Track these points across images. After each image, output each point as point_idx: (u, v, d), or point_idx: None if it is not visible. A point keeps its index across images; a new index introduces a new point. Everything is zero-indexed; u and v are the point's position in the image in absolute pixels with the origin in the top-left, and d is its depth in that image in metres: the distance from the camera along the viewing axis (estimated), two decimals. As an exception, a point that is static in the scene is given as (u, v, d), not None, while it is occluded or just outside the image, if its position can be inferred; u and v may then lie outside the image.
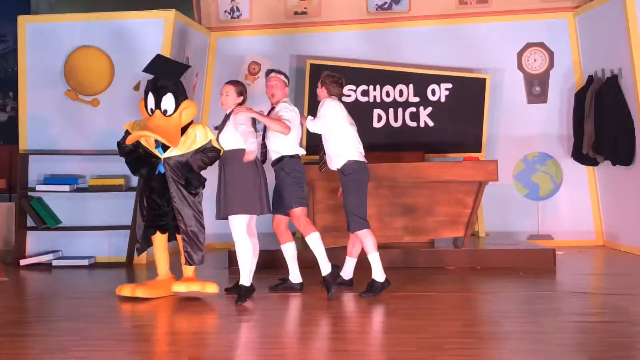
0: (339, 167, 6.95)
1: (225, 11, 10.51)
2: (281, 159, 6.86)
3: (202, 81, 10.38)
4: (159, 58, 7.10)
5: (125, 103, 9.00)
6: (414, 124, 10.00)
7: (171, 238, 6.93)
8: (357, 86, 10.07)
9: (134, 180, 8.77)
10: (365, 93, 10.10)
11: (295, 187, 6.90)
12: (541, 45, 10.20)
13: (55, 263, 8.86)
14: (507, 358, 4.89)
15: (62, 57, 9.24)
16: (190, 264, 6.77)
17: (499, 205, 10.01)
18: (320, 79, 7.24)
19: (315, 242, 6.82)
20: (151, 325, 6.12)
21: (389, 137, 9.88)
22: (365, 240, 6.86)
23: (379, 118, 10.00)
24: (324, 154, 7.18)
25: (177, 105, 6.65)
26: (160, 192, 6.67)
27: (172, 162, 6.63)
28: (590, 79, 9.55)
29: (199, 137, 6.70)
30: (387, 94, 10.02)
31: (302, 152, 7.06)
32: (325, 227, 8.13)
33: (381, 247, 7.68)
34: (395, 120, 10.00)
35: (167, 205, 6.70)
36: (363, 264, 6.97)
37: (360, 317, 6.32)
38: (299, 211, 6.86)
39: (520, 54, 10.24)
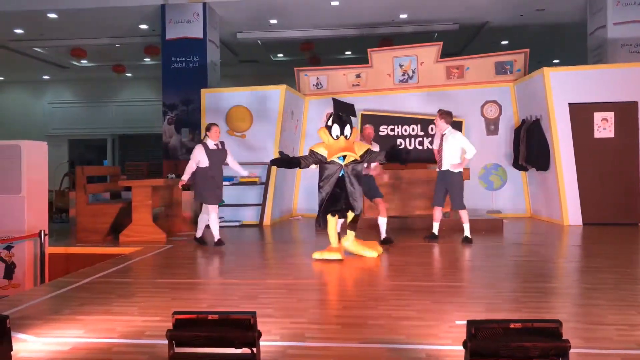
0: (454, 172, 6.58)
1: (313, 84, 10.43)
2: None
3: (300, 125, 10.31)
4: (338, 101, 5.87)
5: (262, 136, 9.07)
6: (420, 147, 9.98)
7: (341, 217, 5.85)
8: (388, 126, 10.01)
9: (264, 179, 8.89)
10: (393, 130, 10.03)
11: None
12: (494, 102, 10.01)
13: (221, 224, 8.78)
14: (476, 280, 4.87)
15: (225, 111, 9.34)
16: (354, 230, 5.91)
17: (470, 193, 9.50)
18: (439, 113, 6.59)
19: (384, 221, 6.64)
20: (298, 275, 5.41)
21: (407, 155, 9.67)
22: (464, 216, 6.70)
23: (400, 144, 9.93)
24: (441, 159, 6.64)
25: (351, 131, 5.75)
26: (341, 187, 5.63)
27: (349, 168, 5.65)
28: (523, 121, 9.35)
29: (357, 150, 5.69)
30: (405, 130, 9.98)
31: None
32: (371, 205, 8.01)
33: (402, 217, 7.67)
34: (410, 145, 9.94)
35: (343, 195, 5.66)
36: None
37: (390, 256, 5.98)
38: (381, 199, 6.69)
39: (482, 107, 10.05)
